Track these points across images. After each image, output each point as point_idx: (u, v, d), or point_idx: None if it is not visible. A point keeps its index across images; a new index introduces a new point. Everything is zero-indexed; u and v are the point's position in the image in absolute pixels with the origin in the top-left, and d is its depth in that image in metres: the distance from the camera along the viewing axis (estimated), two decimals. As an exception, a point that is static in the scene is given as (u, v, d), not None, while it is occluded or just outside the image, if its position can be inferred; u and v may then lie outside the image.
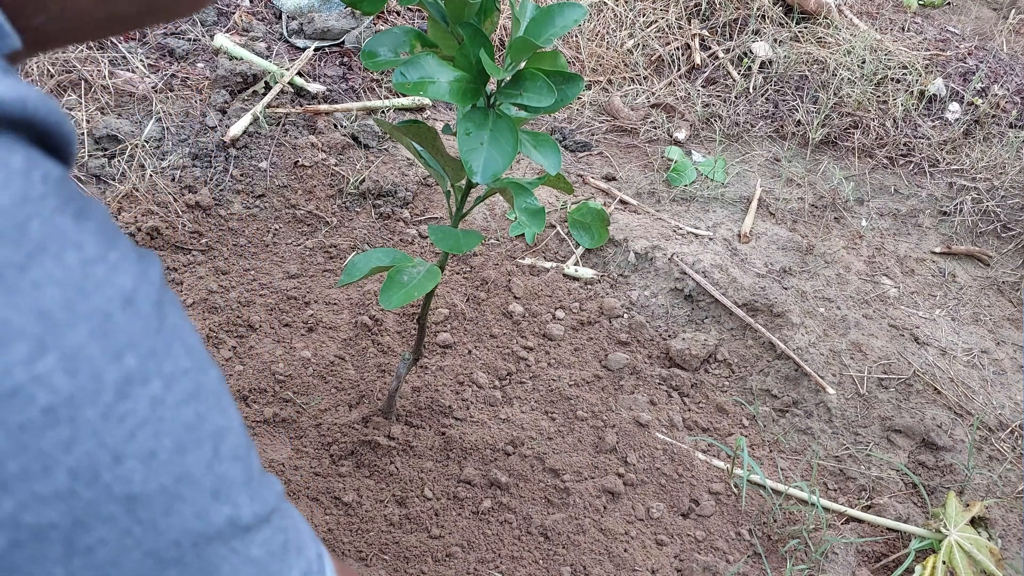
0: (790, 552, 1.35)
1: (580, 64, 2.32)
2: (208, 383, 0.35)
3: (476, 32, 0.83)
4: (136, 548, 0.31)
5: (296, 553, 0.40)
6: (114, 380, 0.30)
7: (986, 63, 2.47)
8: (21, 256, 0.28)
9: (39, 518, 0.28)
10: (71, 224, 0.30)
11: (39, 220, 0.29)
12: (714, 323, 1.68)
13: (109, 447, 0.29)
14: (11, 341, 0.27)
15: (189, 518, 0.32)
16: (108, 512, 0.30)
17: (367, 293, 1.59)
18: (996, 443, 1.57)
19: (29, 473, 0.27)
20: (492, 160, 0.83)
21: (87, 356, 0.29)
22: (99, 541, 0.30)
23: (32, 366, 0.27)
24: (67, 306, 0.29)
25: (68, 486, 0.28)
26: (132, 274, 0.32)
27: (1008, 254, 2.03)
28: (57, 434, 0.28)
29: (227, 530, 0.35)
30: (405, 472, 1.33)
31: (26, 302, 0.28)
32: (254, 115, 1.83)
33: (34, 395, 0.27)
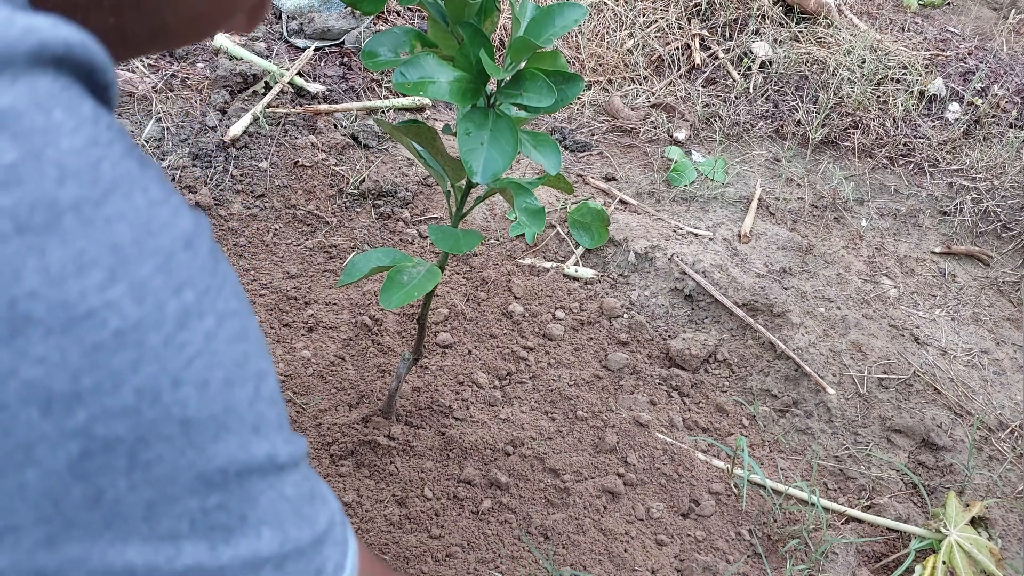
0: (790, 552, 1.35)
1: (580, 64, 2.32)
2: (252, 328, 0.38)
3: (476, 32, 0.83)
4: (189, 469, 0.34)
5: (322, 502, 0.43)
6: (175, 311, 0.33)
7: (986, 63, 2.47)
8: (96, 193, 0.31)
9: (108, 431, 0.31)
10: (137, 169, 0.33)
11: (109, 162, 0.32)
12: (714, 323, 1.68)
13: (169, 372, 0.32)
14: (88, 269, 0.30)
15: (234, 448, 0.35)
16: (167, 432, 0.32)
17: (367, 293, 1.59)
18: (996, 443, 1.57)
19: (101, 389, 0.30)
20: (492, 160, 0.83)
21: (152, 288, 0.32)
22: (157, 458, 0.32)
23: (105, 293, 0.30)
24: (136, 242, 0.31)
25: (134, 404, 0.31)
26: (191, 219, 0.35)
27: (1008, 254, 2.03)
28: (126, 355, 0.31)
29: (266, 465, 0.38)
30: (405, 472, 1.33)
31: (100, 235, 0.30)
32: (254, 115, 1.83)
33: (106, 319, 0.30)
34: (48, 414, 0.29)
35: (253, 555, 0.37)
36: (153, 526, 0.33)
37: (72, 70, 0.32)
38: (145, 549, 0.33)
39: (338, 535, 0.44)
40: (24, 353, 0.29)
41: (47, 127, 0.30)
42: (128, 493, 0.32)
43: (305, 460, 0.43)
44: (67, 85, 0.31)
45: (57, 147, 0.30)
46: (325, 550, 0.43)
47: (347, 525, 0.46)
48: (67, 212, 0.30)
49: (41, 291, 0.29)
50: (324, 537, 0.42)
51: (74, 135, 0.31)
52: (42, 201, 0.29)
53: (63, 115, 0.31)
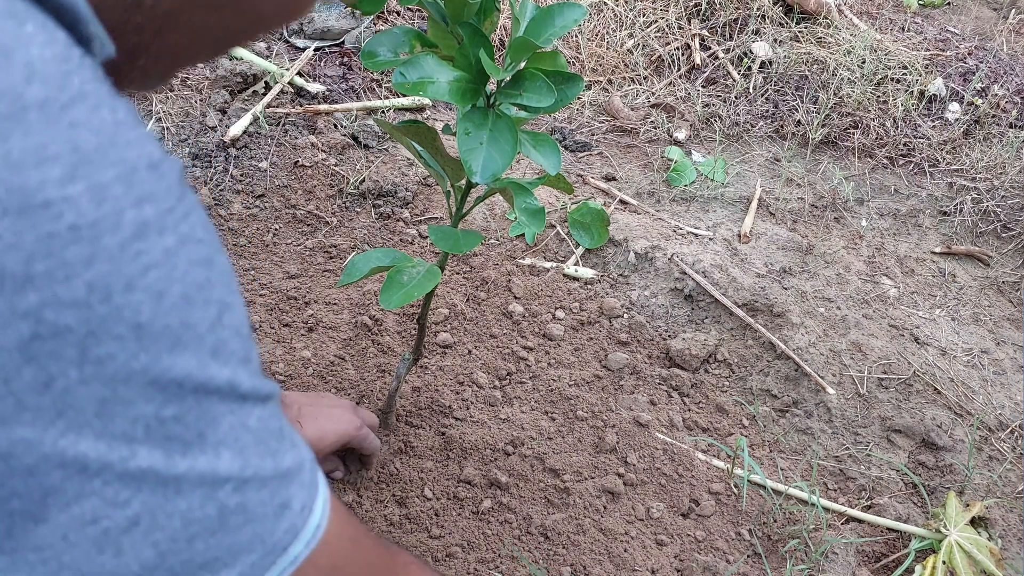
0: (790, 552, 1.35)
1: (580, 64, 2.32)
2: (220, 261, 0.38)
3: (476, 32, 0.83)
4: (142, 374, 0.34)
5: (291, 445, 0.43)
6: (133, 220, 0.33)
7: (986, 63, 2.47)
8: (64, 97, 0.31)
9: (58, 318, 0.31)
10: (107, 91, 0.34)
11: (79, 78, 0.32)
12: (714, 323, 1.68)
13: (123, 274, 0.33)
14: (48, 162, 0.31)
15: (192, 364, 0.36)
16: (118, 331, 0.33)
17: (367, 293, 1.59)
18: (996, 443, 1.57)
19: (53, 276, 0.31)
20: (492, 160, 0.83)
21: (112, 194, 0.32)
22: (108, 355, 0.33)
23: (64, 188, 0.31)
24: (99, 149, 0.32)
25: (85, 297, 0.32)
26: (159, 149, 0.36)
27: (1008, 254, 2.03)
28: (80, 249, 0.31)
29: (226, 390, 0.38)
30: (405, 472, 1.33)
31: (63, 135, 0.31)
32: (254, 115, 1.83)
33: (63, 211, 0.31)
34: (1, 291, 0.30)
35: (211, 471, 0.38)
36: (107, 423, 0.34)
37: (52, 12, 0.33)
38: (99, 445, 0.34)
39: (306, 478, 0.44)
40: None
41: (18, 34, 0.31)
42: (79, 385, 0.33)
43: (275, 403, 0.42)
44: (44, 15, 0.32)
45: (27, 52, 0.31)
46: (292, 488, 0.42)
47: (318, 473, 0.46)
48: (32, 108, 0.30)
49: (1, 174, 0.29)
50: (290, 475, 0.42)
51: (45, 47, 0.31)
52: (8, 93, 0.30)
53: (35, 29, 0.31)
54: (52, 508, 0.34)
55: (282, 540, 0.42)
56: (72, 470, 0.33)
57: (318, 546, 0.44)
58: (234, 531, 0.39)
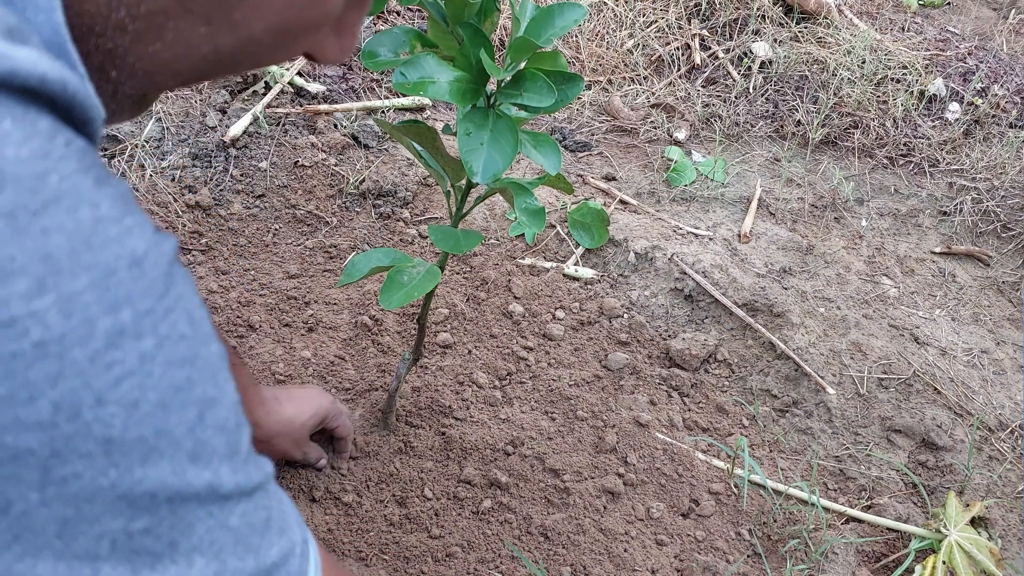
0: (790, 552, 1.35)
1: (580, 64, 2.32)
2: (206, 355, 0.36)
3: (476, 32, 0.83)
4: (111, 490, 0.32)
5: (279, 533, 0.41)
6: (106, 329, 0.31)
7: (986, 63, 2.47)
8: (36, 203, 0.30)
9: (18, 441, 0.30)
10: (90, 185, 0.32)
11: (57, 176, 0.31)
12: (714, 323, 1.68)
13: (93, 388, 0.31)
14: (13, 276, 0.29)
15: (166, 473, 0.34)
16: (85, 449, 0.31)
17: (367, 293, 1.59)
18: (996, 443, 1.57)
19: (15, 399, 0.29)
20: (492, 160, 0.83)
21: (83, 303, 0.31)
22: (74, 474, 0.31)
23: (30, 302, 0.29)
24: (72, 255, 0.31)
25: (50, 418, 0.30)
26: (146, 240, 0.34)
27: (1008, 254, 2.03)
28: (45, 367, 0.30)
29: (205, 494, 0.36)
30: (405, 472, 1.33)
31: (33, 244, 0.30)
32: (254, 115, 1.83)
33: (28, 328, 0.29)
34: None
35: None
36: (68, 543, 0.32)
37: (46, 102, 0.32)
38: (58, 566, 0.32)
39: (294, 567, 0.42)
40: None
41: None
42: (40, 507, 0.31)
43: (265, 487, 0.40)
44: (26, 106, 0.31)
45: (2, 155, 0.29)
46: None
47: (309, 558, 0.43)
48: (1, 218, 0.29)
49: None
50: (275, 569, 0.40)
51: (21, 146, 0.30)
52: None
53: (12, 126, 0.30)
54: None
55: None
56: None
57: None
58: None
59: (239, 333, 1.49)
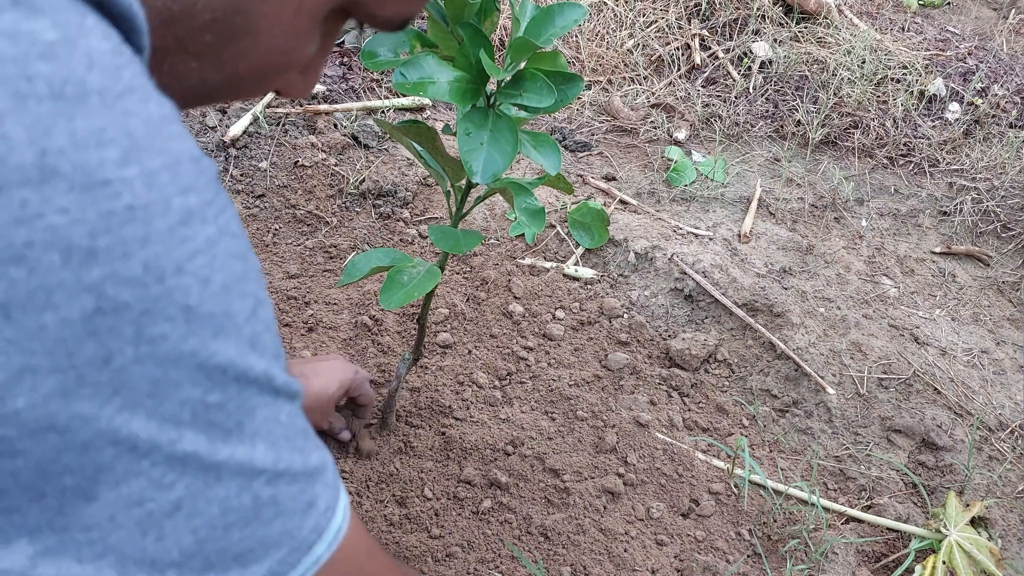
0: (790, 552, 1.35)
1: (580, 64, 2.32)
2: (252, 258, 0.40)
3: (476, 32, 0.83)
4: (191, 356, 0.35)
5: (316, 445, 0.44)
6: (179, 207, 0.34)
7: (986, 63, 2.47)
8: (118, 87, 0.33)
9: (118, 294, 0.32)
10: (153, 87, 0.36)
11: (130, 71, 0.34)
12: (714, 323, 1.68)
13: (173, 257, 0.34)
14: (107, 145, 0.32)
15: (233, 352, 0.37)
16: (170, 312, 0.34)
17: (367, 293, 1.59)
18: (996, 443, 1.57)
19: (113, 252, 0.32)
20: (492, 160, 0.83)
21: (161, 180, 0.34)
22: (162, 335, 0.34)
23: (120, 169, 0.32)
24: (148, 137, 0.34)
25: (141, 275, 0.33)
26: (198, 149, 0.37)
27: (1008, 254, 2.03)
28: (135, 229, 0.33)
29: (263, 381, 0.39)
30: (405, 472, 1.33)
31: (119, 121, 0.33)
32: (254, 115, 1.83)
33: (120, 192, 0.32)
34: (68, 262, 0.31)
35: (248, 462, 0.38)
36: (158, 404, 0.35)
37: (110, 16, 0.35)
38: (150, 425, 0.35)
39: (330, 478, 0.45)
40: (50, 200, 0.30)
41: (82, 24, 0.33)
42: (134, 364, 0.33)
43: (299, 402, 0.43)
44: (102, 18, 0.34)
45: (88, 41, 0.33)
46: (317, 487, 0.43)
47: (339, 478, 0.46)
48: (93, 93, 0.32)
49: (67, 150, 0.31)
50: (316, 474, 0.43)
51: (103, 39, 0.33)
52: (73, 77, 0.31)
53: (94, 23, 0.33)
54: (102, 486, 0.34)
55: (308, 538, 0.42)
56: (124, 448, 0.34)
57: (337, 551, 0.45)
58: (266, 523, 0.40)
59: (239, 333, 1.49)
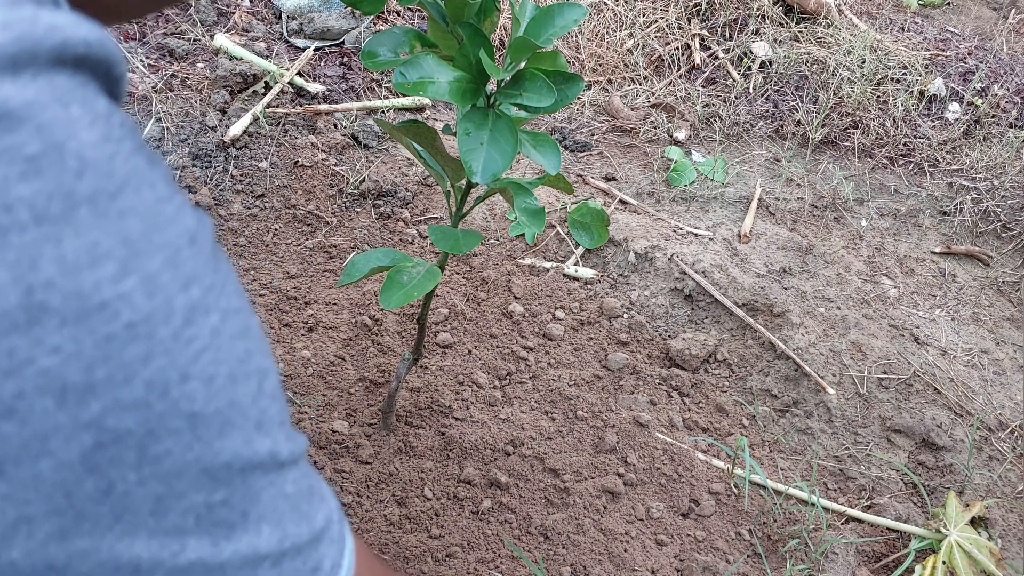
0: (790, 552, 1.35)
1: (580, 64, 2.32)
2: (254, 326, 0.39)
3: (476, 32, 0.83)
4: (196, 463, 0.34)
5: (320, 500, 0.44)
6: (183, 306, 0.33)
7: (986, 63, 2.47)
8: (112, 186, 0.31)
9: (120, 423, 0.31)
10: (145, 165, 0.34)
11: (122, 158, 0.32)
12: (714, 323, 1.68)
13: (178, 366, 0.33)
14: (101, 260, 0.30)
15: (239, 444, 0.36)
16: (175, 426, 0.33)
17: (367, 293, 1.59)
18: (996, 443, 1.57)
19: (113, 381, 0.31)
20: (492, 160, 0.83)
21: (162, 282, 0.32)
22: (166, 451, 0.33)
23: (118, 285, 0.31)
24: (146, 236, 0.32)
25: (144, 397, 0.32)
26: (194, 217, 0.36)
27: (1008, 254, 2.03)
28: (137, 348, 0.31)
29: (268, 462, 0.38)
30: (405, 472, 1.33)
31: (114, 228, 0.31)
32: (254, 115, 1.83)
33: (119, 311, 0.31)
34: (63, 404, 0.30)
35: (252, 552, 0.38)
36: (160, 520, 0.34)
37: (90, 68, 0.33)
38: (152, 543, 0.34)
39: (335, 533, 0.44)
40: (40, 342, 0.29)
41: (67, 120, 0.31)
42: (137, 487, 0.32)
43: (305, 457, 0.43)
44: (83, 82, 0.32)
45: (78, 139, 0.31)
46: (322, 548, 0.43)
47: (345, 523, 0.47)
48: (83, 204, 0.30)
49: (57, 280, 0.29)
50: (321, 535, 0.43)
51: (91, 129, 0.31)
52: (60, 191, 0.30)
53: (80, 110, 0.31)
54: None
55: None
56: (125, 572, 0.33)
57: None
58: None
59: (239, 333, 1.49)
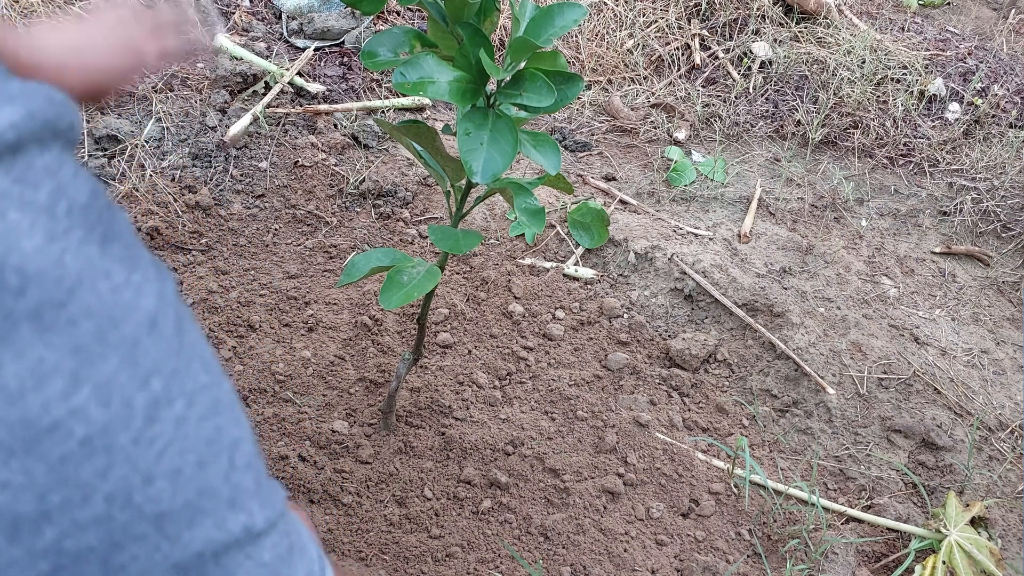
0: (790, 552, 1.35)
1: (580, 64, 2.32)
2: (223, 396, 0.36)
3: (476, 32, 0.83)
4: (164, 562, 0.32)
5: (300, 554, 0.42)
6: (143, 405, 0.31)
7: (986, 63, 2.47)
8: (61, 292, 0.29)
9: (79, 543, 0.29)
10: (98, 252, 0.31)
11: (72, 253, 0.30)
12: (714, 323, 1.68)
13: (141, 470, 0.31)
14: (49, 378, 0.28)
15: (210, 529, 0.34)
16: (140, 531, 0.31)
17: (367, 293, 1.59)
18: (996, 443, 1.57)
19: (70, 503, 0.29)
20: (492, 160, 0.83)
21: (118, 385, 0.30)
22: (132, 558, 0.31)
23: (69, 400, 0.29)
24: (99, 337, 0.30)
25: (105, 511, 0.30)
26: (154, 294, 0.33)
27: (1008, 254, 2.03)
28: (94, 463, 0.29)
29: (243, 537, 0.36)
30: (405, 472, 1.33)
31: (62, 339, 0.29)
32: (254, 115, 1.83)
33: (72, 428, 0.29)
34: (16, 539, 0.28)
35: None
36: None
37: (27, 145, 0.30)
38: None
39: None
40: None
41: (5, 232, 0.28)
42: None
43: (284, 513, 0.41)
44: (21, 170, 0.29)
45: (19, 251, 0.28)
46: None
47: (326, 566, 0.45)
48: (24, 321, 0.28)
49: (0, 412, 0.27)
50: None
51: (32, 233, 0.29)
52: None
53: (18, 215, 0.28)
54: None
55: None
56: None
57: None
58: None
59: (239, 333, 1.49)
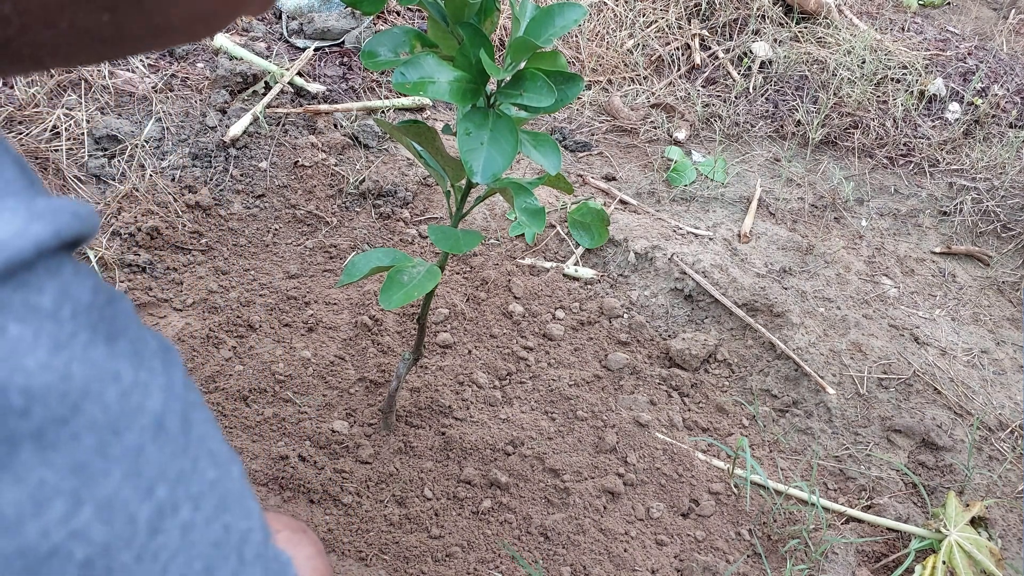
0: (790, 552, 1.35)
1: (580, 64, 2.32)
2: (232, 487, 0.35)
3: (476, 32, 0.83)
4: None
5: None
6: (147, 517, 0.30)
7: (986, 63, 2.47)
8: (64, 409, 0.28)
9: None
10: (104, 354, 0.30)
11: (77, 362, 0.28)
12: (714, 323, 1.68)
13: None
14: (49, 501, 0.27)
15: None
16: None
17: (367, 293, 1.59)
18: (996, 443, 1.57)
19: None
20: (492, 160, 0.83)
21: (121, 500, 0.29)
22: None
23: (69, 523, 0.27)
24: (101, 452, 0.28)
25: None
26: (161, 389, 0.32)
27: (1008, 254, 2.03)
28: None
29: None
30: (405, 472, 1.33)
31: (62, 458, 0.27)
32: (254, 115, 1.83)
33: (72, 551, 0.27)
34: None
35: None
36: None
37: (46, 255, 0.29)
38: None
39: None
40: None
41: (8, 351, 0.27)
42: None
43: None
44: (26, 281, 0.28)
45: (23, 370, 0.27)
46: None
47: None
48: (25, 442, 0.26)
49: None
50: None
51: (36, 346, 0.27)
52: None
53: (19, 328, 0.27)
54: None
55: None
56: None
57: None
58: None
59: (239, 333, 1.49)
